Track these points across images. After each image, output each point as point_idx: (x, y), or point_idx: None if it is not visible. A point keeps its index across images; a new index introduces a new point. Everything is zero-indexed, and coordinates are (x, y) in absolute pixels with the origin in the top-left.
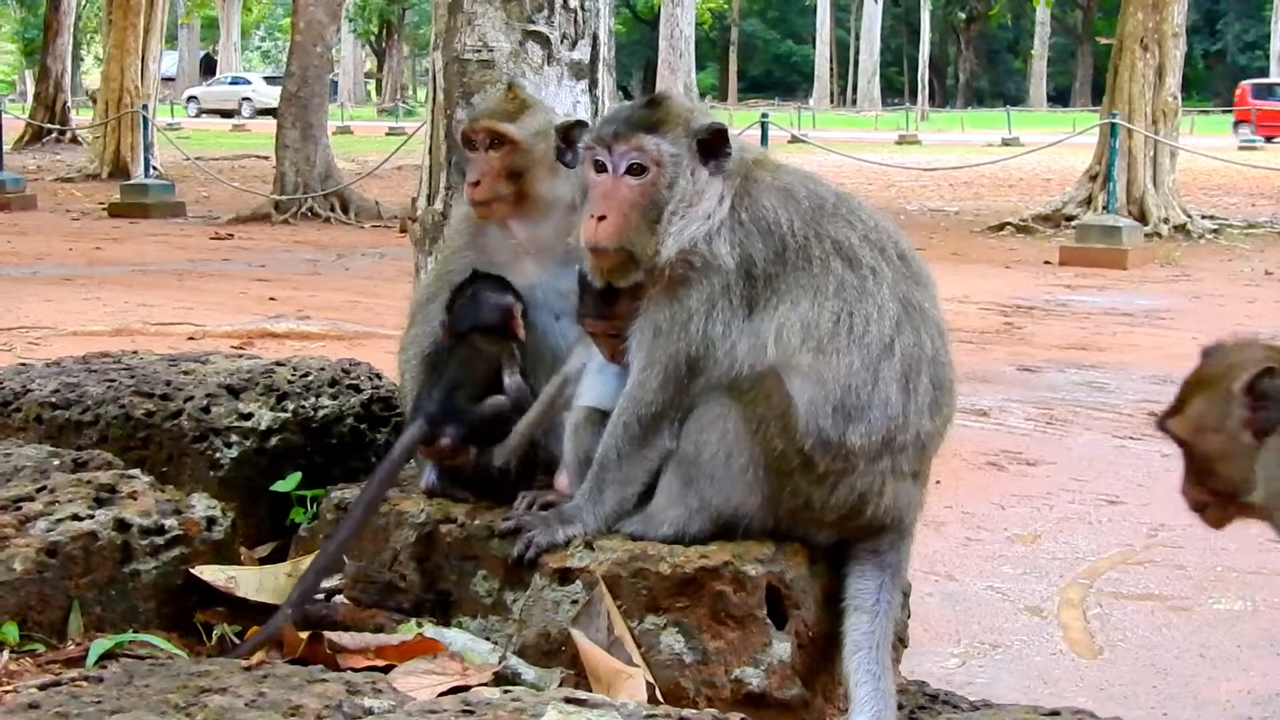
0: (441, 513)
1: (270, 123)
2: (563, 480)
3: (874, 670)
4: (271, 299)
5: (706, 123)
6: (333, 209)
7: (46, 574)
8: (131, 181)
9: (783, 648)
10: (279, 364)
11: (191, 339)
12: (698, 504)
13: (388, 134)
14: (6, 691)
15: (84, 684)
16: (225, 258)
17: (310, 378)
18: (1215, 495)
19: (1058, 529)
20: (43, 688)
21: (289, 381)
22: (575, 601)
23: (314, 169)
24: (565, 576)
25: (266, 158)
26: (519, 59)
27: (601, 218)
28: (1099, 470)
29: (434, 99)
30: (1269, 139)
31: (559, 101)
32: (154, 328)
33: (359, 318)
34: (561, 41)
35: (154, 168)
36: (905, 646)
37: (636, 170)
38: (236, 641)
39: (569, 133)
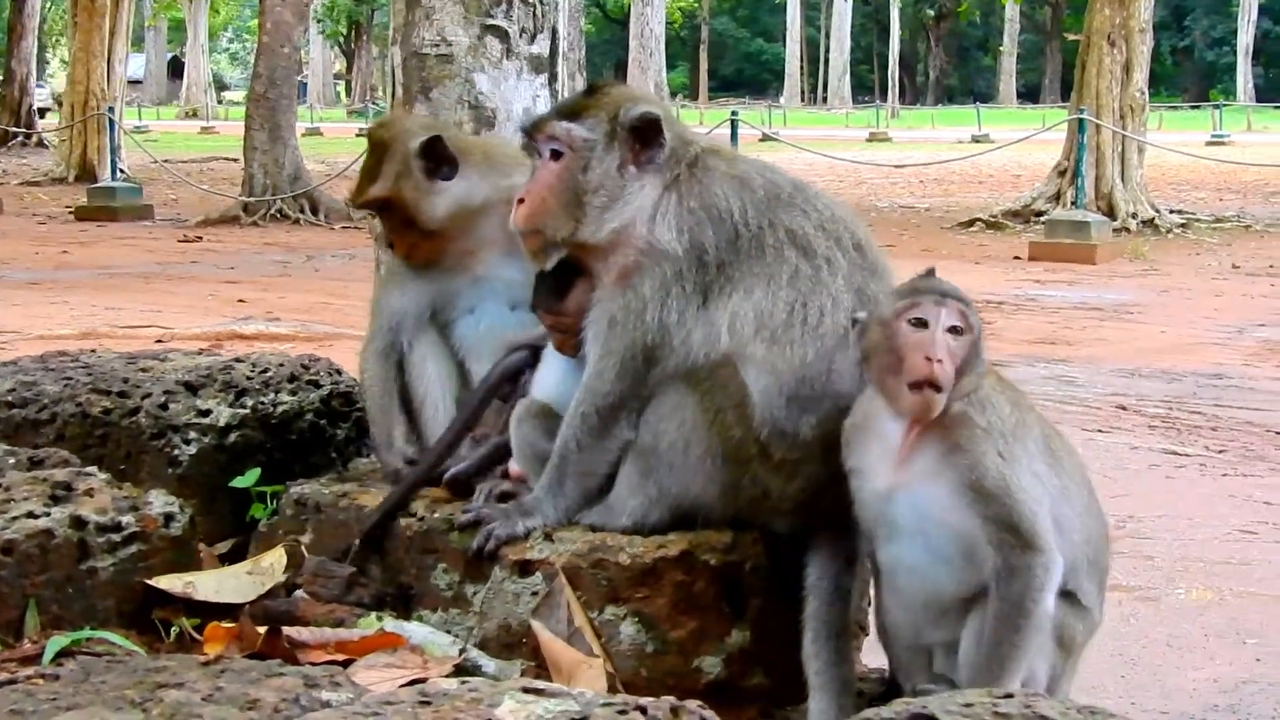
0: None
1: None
2: (517, 468)
3: (833, 658)
4: (240, 301)
5: (637, 112)
6: (302, 210)
7: (2, 572)
8: (98, 184)
9: (742, 636)
10: (238, 360)
11: (159, 342)
12: (657, 494)
13: (358, 135)
14: None
15: (40, 681)
16: (193, 260)
17: (269, 374)
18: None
19: None
20: None
21: (248, 378)
22: (535, 593)
23: (283, 170)
24: (525, 568)
25: (235, 160)
26: (478, 53)
27: (521, 201)
28: None
29: (394, 94)
30: None
31: (518, 95)
32: (121, 331)
33: (328, 319)
34: (520, 35)
35: (121, 171)
36: (865, 634)
37: (555, 155)
38: (196, 637)
39: (431, 149)
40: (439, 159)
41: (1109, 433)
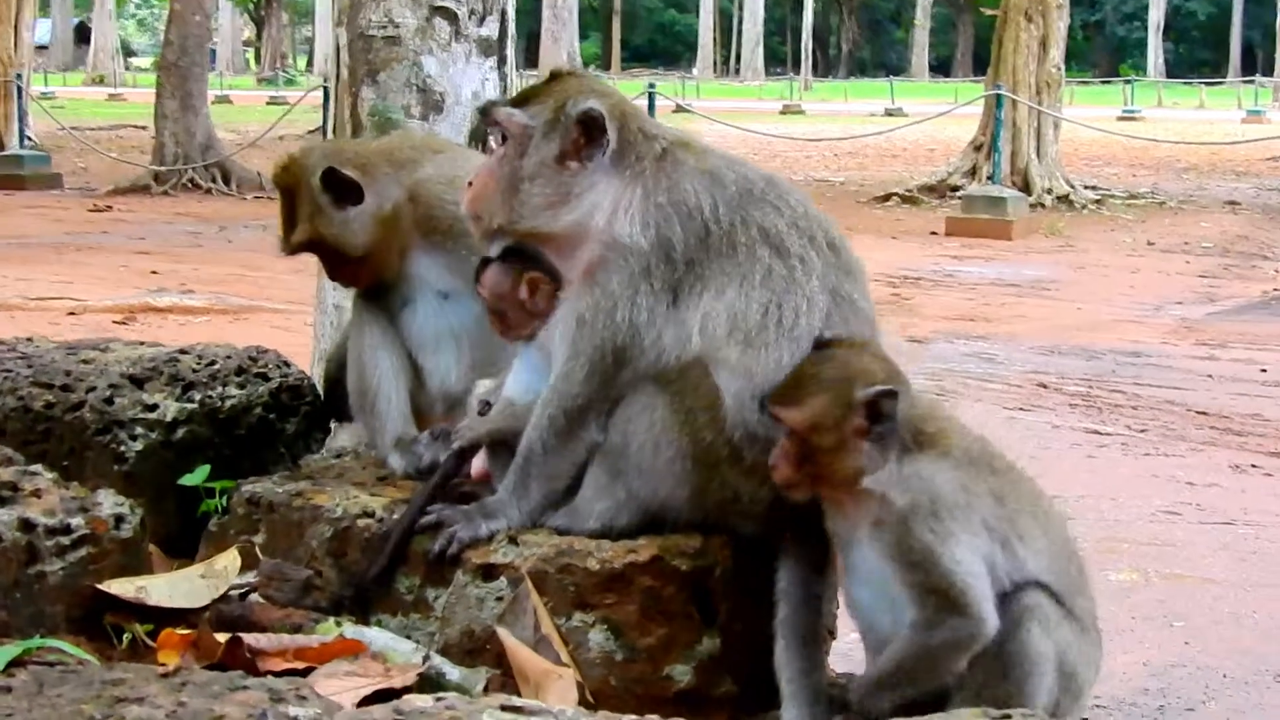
0: (359, 507)
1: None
2: (478, 464)
3: (805, 666)
4: (153, 272)
5: (582, 106)
6: (214, 180)
7: None
8: (5, 153)
9: (712, 643)
10: (183, 352)
11: (72, 314)
12: (625, 496)
13: (269, 103)
14: None
15: None
16: (104, 230)
17: (216, 366)
18: (810, 476)
19: None
20: None
21: (194, 370)
22: (499, 598)
23: (194, 139)
24: (489, 572)
25: (145, 128)
26: (426, 35)
27: (469, 184)
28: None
29: (338, 76)
30: None
31: (467, 79)
32: (33, 303)
33: (243, 291)
34: (469, 17)
35: (28, 138)
36: (834, 639)
37: (501, 141)
38: (149, 643)
39: (331, 179)
40: (341, 186)
41: (1030, 411)
